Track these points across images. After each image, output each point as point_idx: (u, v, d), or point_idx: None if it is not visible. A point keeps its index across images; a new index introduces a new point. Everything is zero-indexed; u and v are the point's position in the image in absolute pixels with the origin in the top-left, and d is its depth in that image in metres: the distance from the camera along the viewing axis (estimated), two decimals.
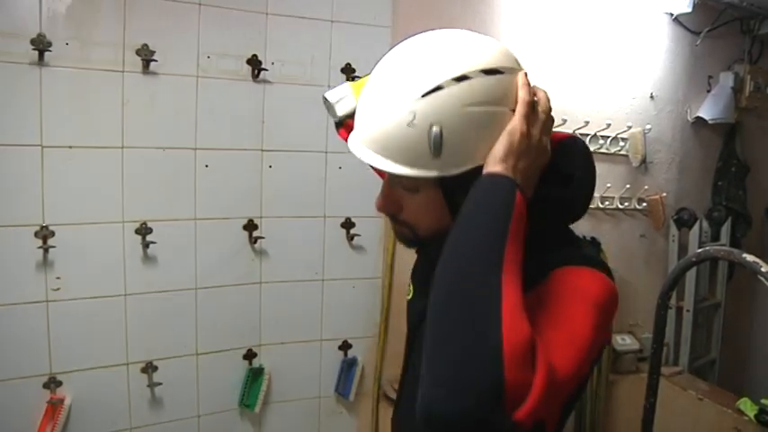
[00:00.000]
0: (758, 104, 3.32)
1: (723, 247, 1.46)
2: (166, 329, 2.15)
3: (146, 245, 2.07)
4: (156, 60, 2.02)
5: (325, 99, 1.14)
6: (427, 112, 0.85)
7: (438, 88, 0.84)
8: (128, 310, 2.08)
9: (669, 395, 2.88)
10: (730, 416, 2.61)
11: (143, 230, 2.07)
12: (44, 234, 1.93)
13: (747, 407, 2.59)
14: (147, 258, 2.09)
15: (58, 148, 1.94)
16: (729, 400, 2.69)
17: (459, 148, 0.86)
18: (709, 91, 3.16)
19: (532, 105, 0.90)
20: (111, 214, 2.03)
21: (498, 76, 0.88)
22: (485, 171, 0.85)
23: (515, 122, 0.86)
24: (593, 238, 2.70)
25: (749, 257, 1.16)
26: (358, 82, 1.14)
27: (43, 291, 1.95)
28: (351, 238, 2.43)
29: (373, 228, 2.46)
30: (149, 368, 2.12)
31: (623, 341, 2.95)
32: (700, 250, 1.37)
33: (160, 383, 2.13)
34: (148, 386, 2.12)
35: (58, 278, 1.97)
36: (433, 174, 0.87)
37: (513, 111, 0.88)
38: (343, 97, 1.13)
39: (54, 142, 1.93)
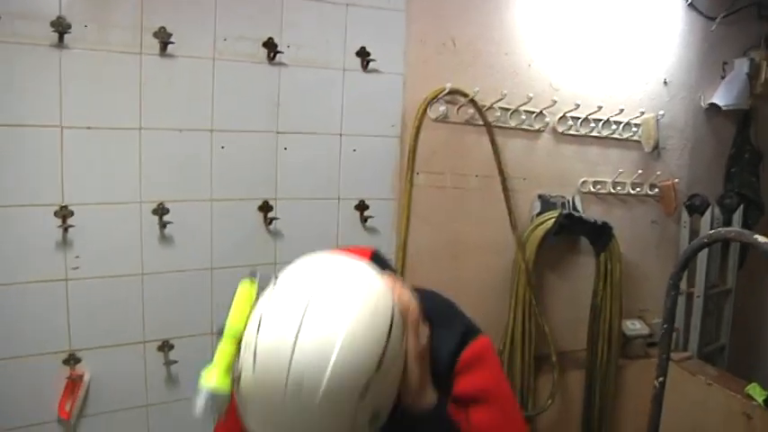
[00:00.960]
0: None
1: (734, 229, 1.47)
2: (182, 309, 2.18)
3: (162, 225, 2.10)
4: (173, 43, 2.04)
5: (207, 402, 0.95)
6: (368, 408, 0.88)
7: (366, 388, 0.86)
8: (144, 290, 2.11)
9: (678, 380, 2.89)
10: (739, 401, 2.62)
11: (160, 211, 2.09)
12: (63, 214, 1.96)
13: (756, 392, 2.60)
14: (164, 238, 2.12)
15: (77, 128, 1.96)
16: (738, 386, 2.70)
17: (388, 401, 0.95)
18: (723, 77, 3.14)
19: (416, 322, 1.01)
20: (128, 194, 2.06)
21: (394, 332, 0.93)
22: (419, 407, 0.99)
23: (413, 347, 0.97)
24: (604, 223, 2.71)
25: (761, 238, 1.17)
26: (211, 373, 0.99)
27: (63, 269, 1.99)
28: (364, 219, 2.45)
29: (386, 209, 2.48)
30: (165, 346, 2.15)
31: (633, 326, 2.96)
32: (711, 231, 1.38)
33: (176, 362, 2.16)
34: (164, 364, 2.15)
35: (77, 257, 2.01)
36: None
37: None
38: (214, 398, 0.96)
39: (73, 123, 1.96)
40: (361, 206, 2.45)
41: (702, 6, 2.97)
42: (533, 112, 2.65)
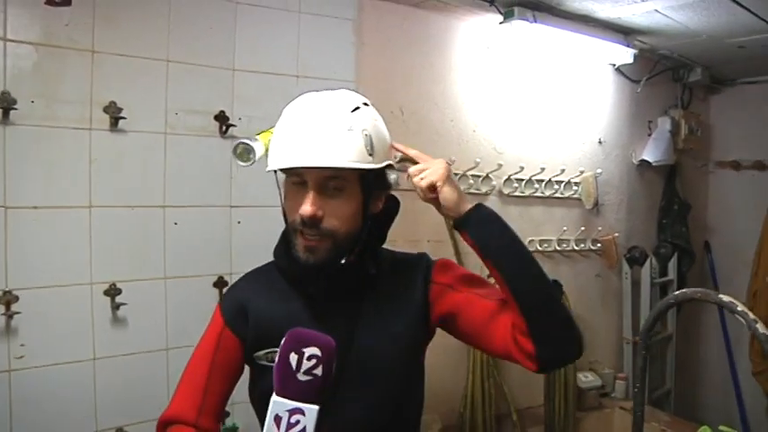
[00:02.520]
0: (692, 146, 3.55)
1: (699, 289, 1.53)
2: (137, 393, 2.06)
3: (115, 306, 2.00)
4: (124, 118, 1.99)
5: (244, 144, 1.30)
6: (357, 122, 1.16)
7: (356, 108, 1.18)
8: (96, 376, 1.99)
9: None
10: None
11: (112, 291, 2.00)
12: (7, 299, 1.84)
13: None
14: (117, 320, 2.02)
15: (22, 208, 1.87)
16: (690, 429, 2.78)
17: (379, 147, 1.19)
18: (650, 135, 3.35)
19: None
20: (78, 276, 1.96)
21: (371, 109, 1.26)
22: (466, 211, 1.19)
23: (446, 171, 1.21)
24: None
25: (725, 298, 1.23)
26: (264, 133, 1.33)
27: (6, 359, 1.85)
28: None
29: None
30: None
31: (586, 378, 3.02)
32: (677, 292, 1.43)
33: None
34: None
35: (22, 345, 1.88)
36: (370, 165, 1.16)
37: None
38: (255, 144, 1.29)
39: (18, 203, 1.86)
40: None
41: (628, 71, 3.19)
42: (480, 176, 2.73)
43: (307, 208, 1.14)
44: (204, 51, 2.16)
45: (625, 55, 2.91)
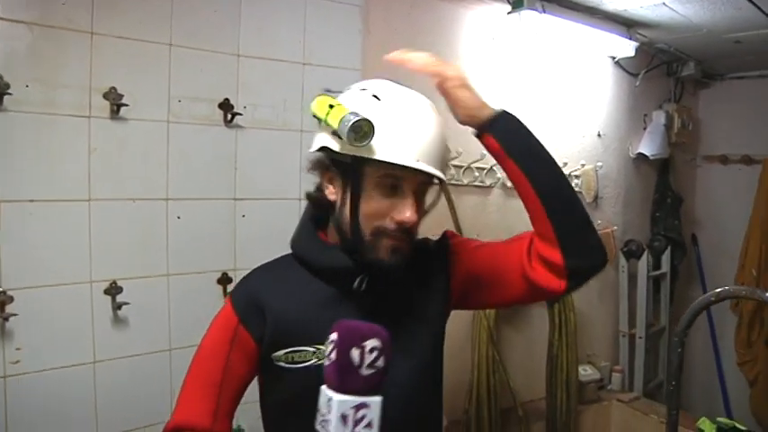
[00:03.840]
0: (684, 140, 3.57)
1: (743, 287, 1.51)
2: (140, 396, 1.95)
3: (116, 306, 1.88)
4: (125, 105, 1.87)
5: (368, 121, 1.06)
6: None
7: None
8: (97, 379, 1.88)
9: (631, 420, 2.97)
10: None
11: (113, 290, 1.88)
12: (2, 300, 1.71)
13: (707, 426, 2.69)
14: (118, 320, 1.90)
15: (16, 202, 1.74)
16: (688, 421, 2.78)
17: None
18: (645, 128, 3.35)
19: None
20: (77, 274, 1.84)
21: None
22: (490, 116, 1.16)
23: (454, 77, 1.17)
24: None
25: None
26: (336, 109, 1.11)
27: (1, 364, 1.73)
28: None
29: None
30: None
31: (585, 372, 3.01)
32: (719, 290, 1.39)
33: None
34: None
35: (18, 349, 1.75)
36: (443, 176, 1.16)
37: None
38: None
39: (12, 196, 1.72)
40: None
41: (627, 65, 3.17)
42: (485, 169, 2.67)
43: (411, 216, 1.11)
44: (208, 36, 2.04)
45: (626, 48, 2.89)
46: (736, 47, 3.10)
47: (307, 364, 1.14)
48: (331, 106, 1.09)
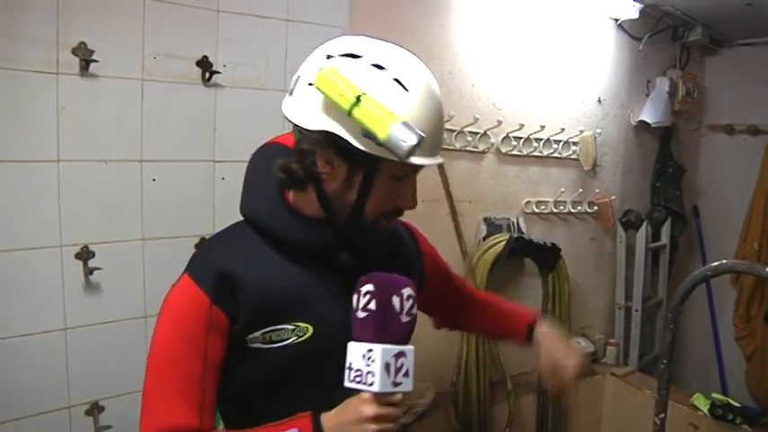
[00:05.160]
0: (688, 108, 3.45)
1: (742, 261, 1.43)
2: (113, 365, 1.90)
3: (88, 271, 1.82)
4: (95, 61, 1.78)
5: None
6: None
7: None
8: (69, 347, 1.82)
9: (625, 395, 2.92)
10: (686, 412, 2.66)
11: (84, 255, 1.81)
12: None
13: (701, 402, 2.65)
14: (90, 286, 1.84)
15: None
16: (682, 397, 2.74)
17: None
18: (647, 95, 3.23)
19: None
20: (46, 238, 1.77)
21: None
22: None
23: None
24: (552, 244, 2.67)
25: None
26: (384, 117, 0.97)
27: None
28: None
29: None
30: (95, 409, 1.86)
31: (579, 344, 2.95)
32: (716, 263, 1.31)
33: (109, 426, 1.88)
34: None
35: None
36: None
37: None
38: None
39: None
40: None
41: (630, 28, 3.04)
42: (478, 133, 2.57)
43: (415, 203, 1.12)
44: None
45: (630, 9, 2.76)
46: (748, 10, 2.96)
47: (285, 342, 1.08)
48: (359, 99, 0.95)
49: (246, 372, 1.10)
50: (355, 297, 1.01)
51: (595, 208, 2.99)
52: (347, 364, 0.99)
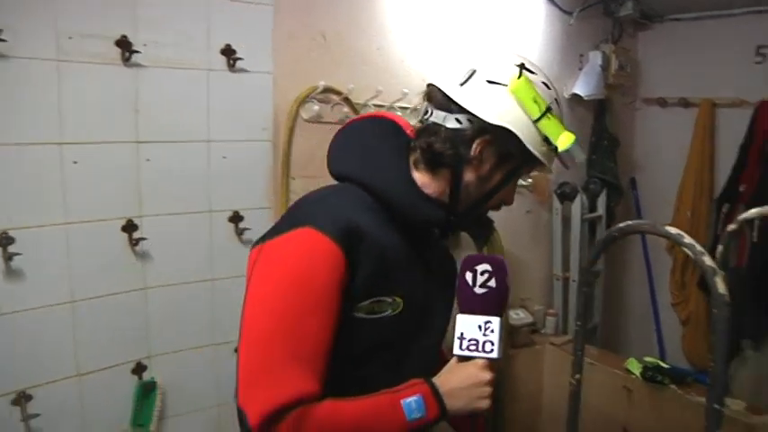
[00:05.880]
0: (623, 82, 3.53)
1: (646, 222, 1.47)
2: (39, 352, 1.87)
3: (8, 257, 1.78)
4: (4, 40, 1.73)
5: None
6: None
7: None
8: None
9: (563, 363, 2.98)
10: (620, 376, 2.75)
11: (4, 241, 1.78)
12: None
13: (634, 366, 2.74)
14: (11, 272, 1.80)
15: None
16: (617, 362, 2.83)
17: None
18: (581, 69, 3.29)
19: None
20: None
21: None
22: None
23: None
24: (486, 218, 2.70)
25: (672, 230, 1.16)
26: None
27: None
28: (240, 232, 2.26)
29: (262, 219, 2.30)
30: (22, 398, 1.83)
31: (517, 315, 3.01)
32: (622, 225, 1.35)
33: (37, 415, 1.85)
34: (22, 420, 1.83)
35: None
36: None
37: None
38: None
39: None
40: (236, 218, 2.27)
41: (560, 1, 3.09)
42: (408, 108, 2.58)
43: (512, 201, 1.28)
44: None
45: None
46: None
47: (382, 315, 1.10)
48: (548, 109, 1.13)
49: (345, 341, 1.07)
50: (470, 274, 1.12)
51: (530, 181, 3.04)
52: (457, 335, 1.10)
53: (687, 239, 1.25)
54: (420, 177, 1.16)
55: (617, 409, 2.74)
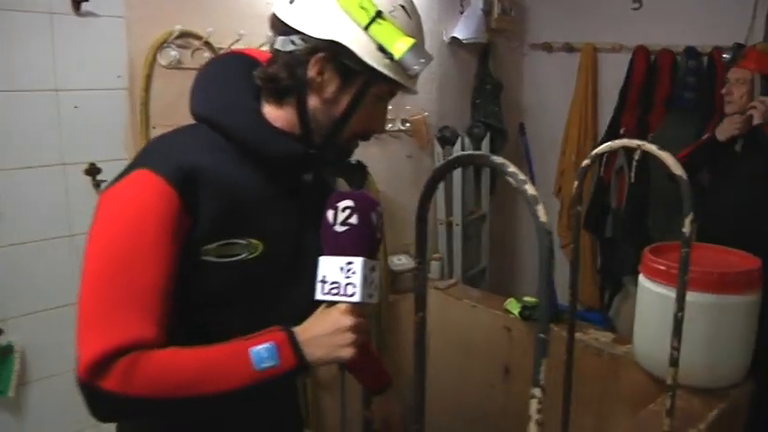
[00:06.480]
0: (506, 26, 3.54)
1: (477, 152, 1.48)
2: None
3: None
4: None
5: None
6: None
7: None
8: None
9: (445, 306, 3.04)
10: (501, 317, 2.81)
11: None
12: None
13: (513, 306, 2.81)
14: None
15: None
16: (498, 303, 2.89)
17: None
18: (462, 12, 3.28)
19: None
20: None
21: None
22: None
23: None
24: (357, 162, 2.68)
25: (498, 159, 1.14)
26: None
27: None
28: (97, 185, 2.17)
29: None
30: None
31: (399, 261, 3.04)
32: (458, 155, 1.36)
33: None
34: None
35: None
36: None
37: None
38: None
39: None
40: (93, 170, 2.16)
41: None
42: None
43: (383, 127, 1.18)
44: None
45: None
46: None
47: (236, 258, 1.04)
48: (379, 14, 1.01)
49: (196, 286, 1.02)
50: (331, 212, 1.03)
51: (408, 125, 3.04)
52: (320, 278, 1.02)
53: (511, 168, 1.26)
54: (270, 111, 1.11)
55: (499, 350, 2.81)
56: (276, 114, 1.10)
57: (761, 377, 2.01)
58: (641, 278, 2.06)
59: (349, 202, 1.03)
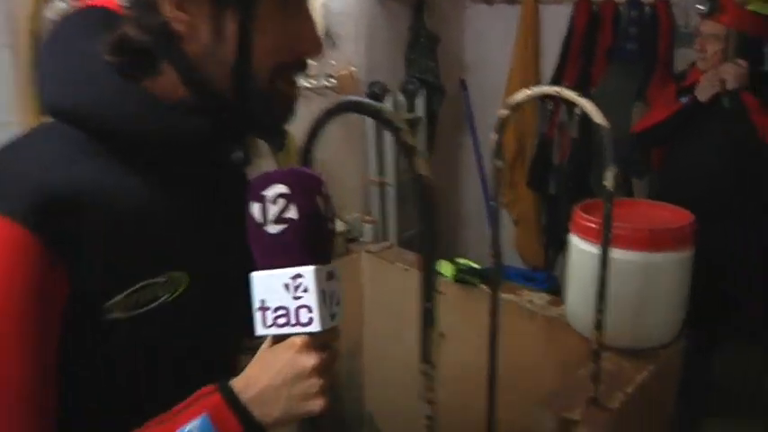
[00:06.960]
0: None
1: (356, 98, 1.32)
2: None
3: None
4: None
5: None
6: None
7: None
8: None
9: (378, 270, 2.92)
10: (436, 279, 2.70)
11: None
12: None
13: (446, 269, 2.70)
14: None
15: None
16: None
17: None
18: None
19: None
20: None
21: None
22: None
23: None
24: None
25: (376, 104, 0.99)
26: None
27: None
28: None
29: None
30: None
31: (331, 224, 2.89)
32: (338, 101, 1.20)
33: None
34: None
35: None
36: None
37: None
38: None
39: None
40: None
41: None
42: None
43: (319, 45, 0.80)
44: None
45: None
46: None
47: (153, 305, 0.74)
48: None
49: (106, 356, 0.74)
50: (257, 206, 0.69)
51: (334, 81, 2.86)
52: (257, 304, 0.70)
53: (386, 115, 1.12)
54: (150, 85, 0.76)
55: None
56: (159, 86, 0.76)
57: (693, 335, 1.93)
58: (571, 236, 1.95)
59: (281, 188, 0.69)
